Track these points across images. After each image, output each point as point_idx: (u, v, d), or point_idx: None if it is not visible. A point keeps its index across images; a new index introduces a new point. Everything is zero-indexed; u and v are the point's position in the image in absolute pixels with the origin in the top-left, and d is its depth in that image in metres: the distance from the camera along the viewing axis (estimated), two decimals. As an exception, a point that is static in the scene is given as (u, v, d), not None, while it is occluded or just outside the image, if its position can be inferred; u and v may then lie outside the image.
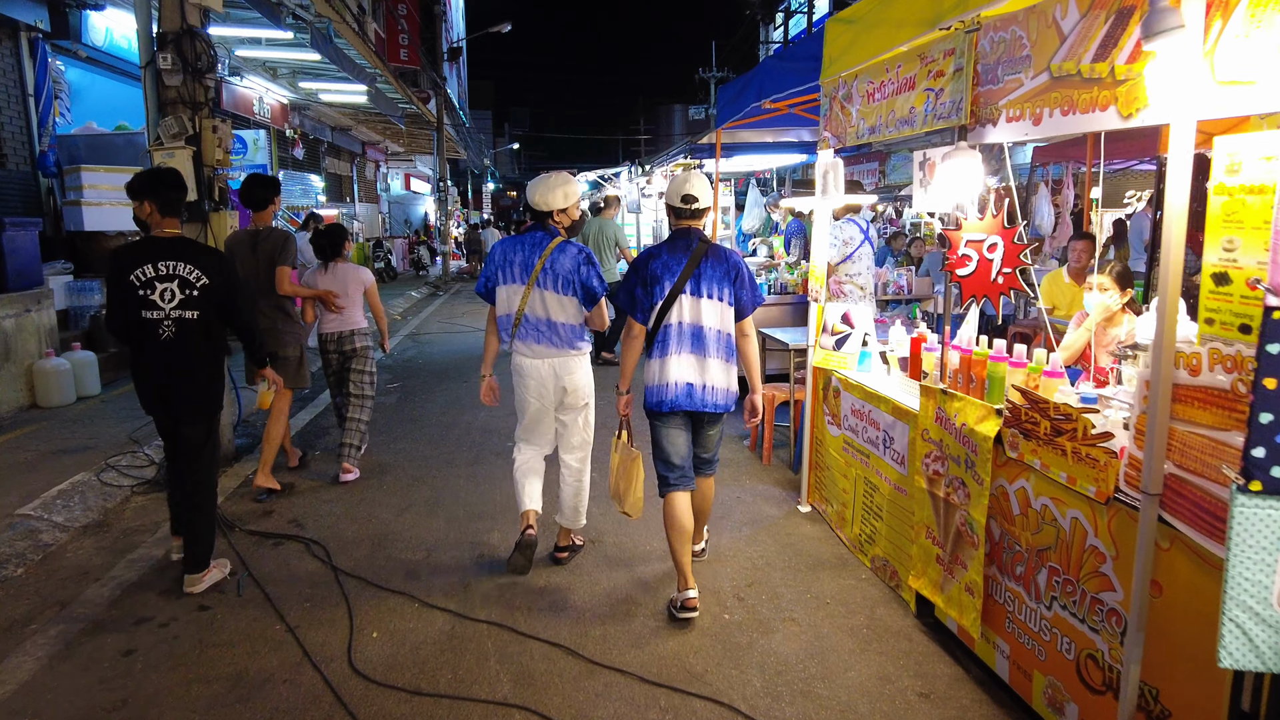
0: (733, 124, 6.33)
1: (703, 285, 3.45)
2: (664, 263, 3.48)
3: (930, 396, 3.38)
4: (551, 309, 3.76)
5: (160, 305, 3.57)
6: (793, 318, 7.17)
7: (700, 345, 3.48)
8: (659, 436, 3.64)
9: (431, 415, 7.25)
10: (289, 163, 17.51)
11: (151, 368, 3.64)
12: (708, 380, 3.51)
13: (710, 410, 3.56)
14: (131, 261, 3.56)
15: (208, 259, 3.68)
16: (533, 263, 3.74)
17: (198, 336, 3.65)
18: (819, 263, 4.47)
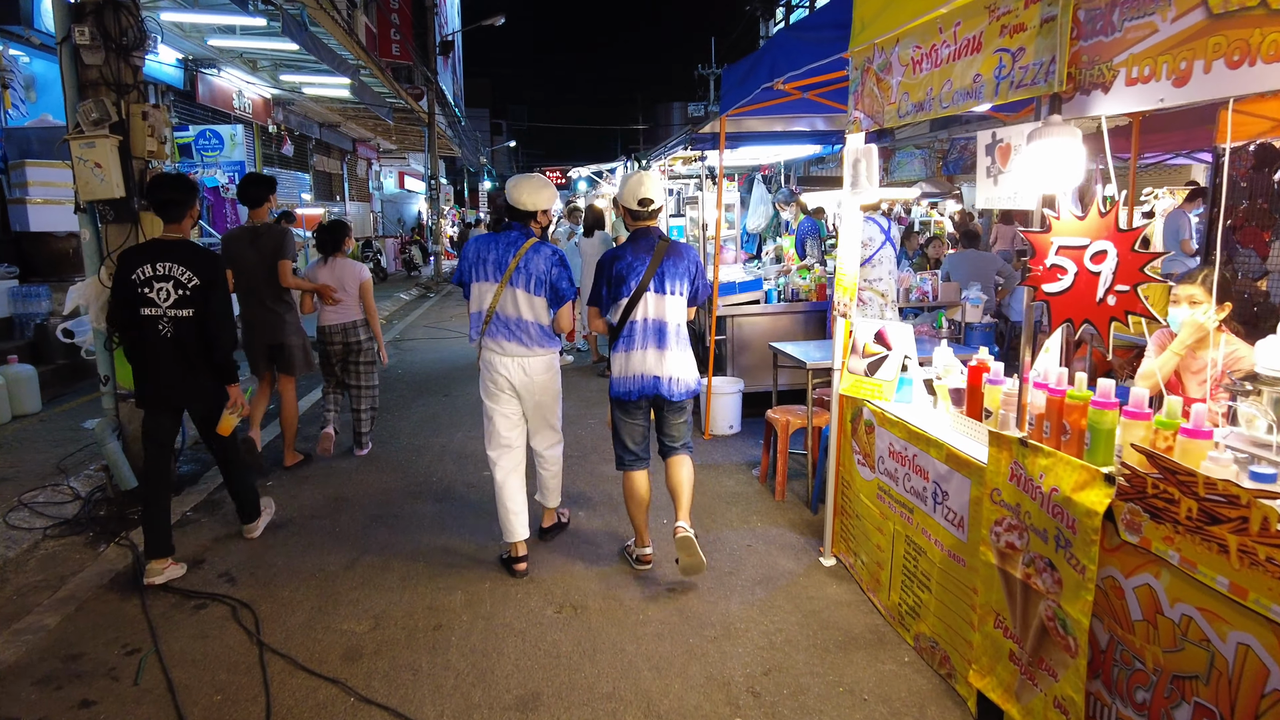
0: (739, 110, 5.53)
1: (666, 282, 3.62)
2: (628, 263, 3.61)
3: (1004, 447, 2.59)
4: (523, 308, 3.78)
5: (158, 303, 3.75)
6: (805, 328, 6.37)
7: (663, 339, 3.63)
8: (620, 424, 3.82)
9: (403, 436, 6.45)
10: (275, 160, 16.70)
11: (153, 362, 3.83)
12: (673, 372, 3.67)
13: (679, 399, 3.72)
14: (134, 261, 3.76)
15: (200, 261, 3.81)
16: (506, 262, 3.76)
17: (194, 333, 3.81)
18: (848, 270, 3.67)
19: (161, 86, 12.10)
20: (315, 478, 5.49)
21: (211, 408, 4.01)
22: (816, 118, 6.15)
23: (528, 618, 3.57)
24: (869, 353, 3.61)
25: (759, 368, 6.34)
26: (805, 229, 7.18)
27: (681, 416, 3.82)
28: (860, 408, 3.70)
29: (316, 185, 19.26)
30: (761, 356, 6.34)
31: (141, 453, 4.19)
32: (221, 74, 13.08)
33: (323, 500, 5.07)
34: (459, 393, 7.89)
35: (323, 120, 18.76)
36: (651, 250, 3.62)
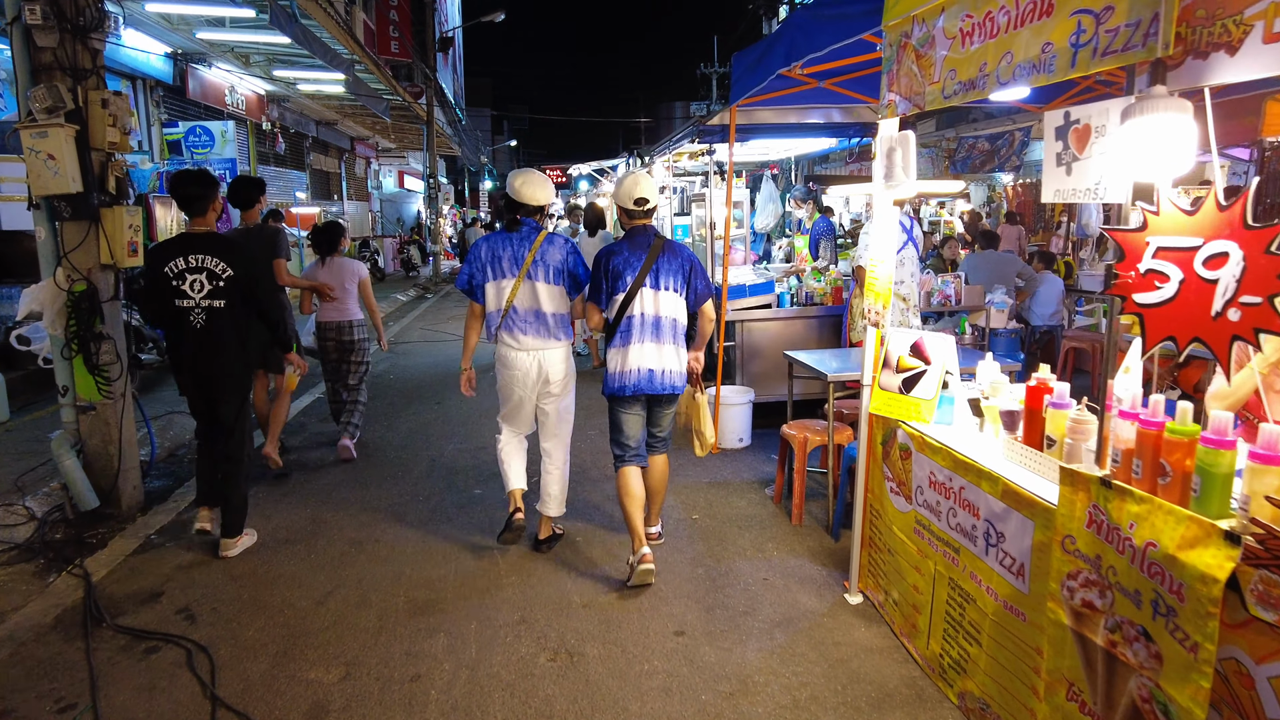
0: (749, 101, 5.09)
1: (661, 279, 3.65)
2: (625, 259, 3.65)
3: (1080, 487, 2.15)
4: (541, 299, 3.83)
5: (191, 295, 3.84)
6: (819, 334, 5.94)
7: (659, 334, 3.67)
8: (618, 419, 3.82)
9: (391, 448, 6.02)
10: (270, 158, 16.28)
11: (187, 352, 3.90)
12: (665, 365, 3.70)
13: (668, 392, 3.75)
14: (165, 255, 3.84)
15: (232, 252, 3.89)
16: (523, 256, 3.81)
17: (226, 323, 3.90)
18: (881, 274, 3.23)
19: (150, 81, 11.68)
20: (295, 494, 5.06)
21: (241, 397, 4.09)
22: (832, 109, 5.71)
23: (517, 666, 3.14)
24: (904, 367, 3.17)
25: (770, 376, 5.91)
26: (820, 228, 6.74)
27: (670, 409, 3.90)
28: (894, 429, 3.26)
29: (313, 184, 18.84)
30: (773, 364, 5.90)
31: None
32: (213, 69, 12.66)
33: (300, 521, 4.64)
34: (452, 401, 7.46)
35: (319, 118, 18.34)
36: (647, 247, 3.66)
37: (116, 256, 4.57)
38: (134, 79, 11.48)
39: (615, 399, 3.79)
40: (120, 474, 4.72)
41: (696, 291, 3.74)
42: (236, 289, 3.89)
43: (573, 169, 10.99)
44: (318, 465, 5.61)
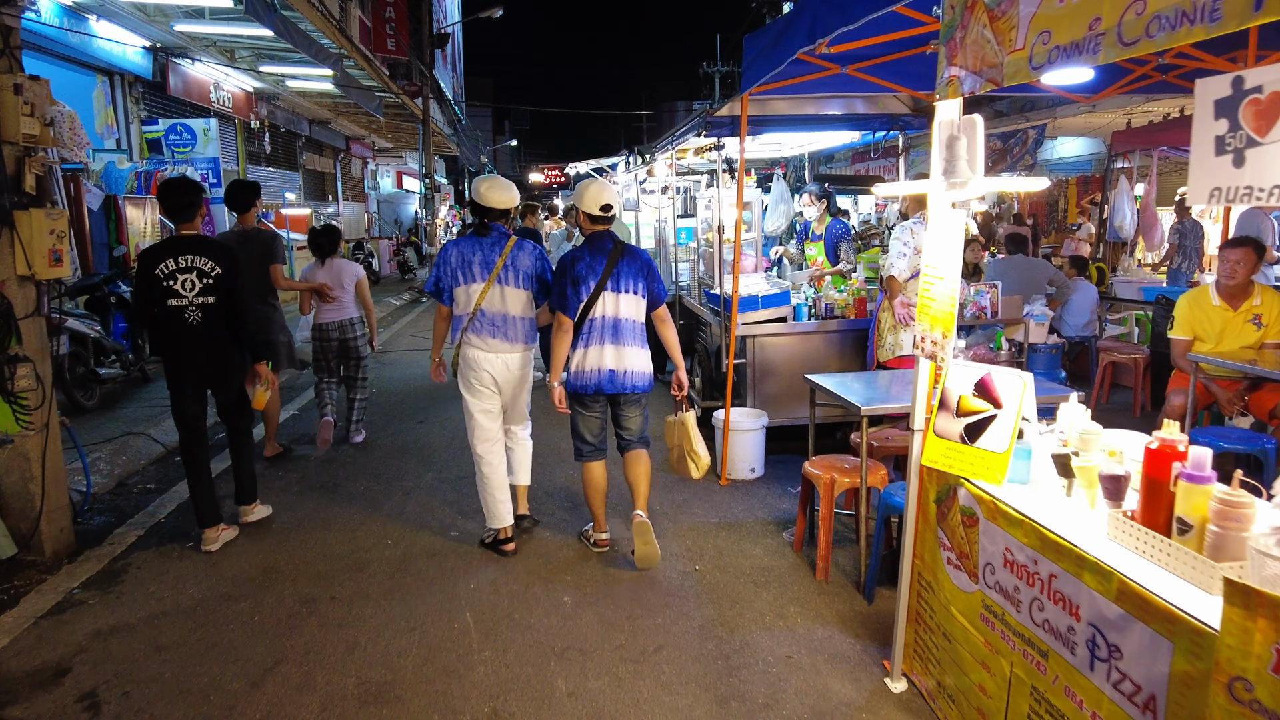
0: (763, 88, 4.44)
1: (622, 282, 3.71)
2: (588, 264, 3.69)
3: (1261, 613, 1.50)
4: (510, 304, 3.88)
5: (184, 294, 3.95)
6: (841, 351, 5.28)
7: (619, 335, 3.73)
8: (578, 417, 3.89)
9: (363, 476, 5.37)
10: (261, 158, 15.65)
11: (184, 348, 4.02)
12: (626, 365, 3.75)
13: (630, 391, 3.80)
14: (156, 258, 3.96)
15: (218, 252, 4.03)
16: (493, 260, 3.84)
17: (219, 318, 4.03)
18: (940, 293, 2.58)
19: (129, 76, 11.05)
20: (250, 535, 4.42)
21: (236, 386, 4.26)
22: (855, 99, 5.05)
23: (484, 786, 2.49)
24: (967, 410, 2.52)
25: (786, 397, 5.26)
26: (838, 231, 6.07)
27: (637, 410, 3.92)
28: (953, 487, 2.61)
29: (307, 184, 18.21)
30: (788, 384, 5.25)
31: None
32: (196, 65, 12.02)
33: (250, 570, 3.99)
34: (436, 419, 6.81)
35: (312, 116, 17.70)
36: (608, 252, 3.72)
37: (35, 267, 3.93)
38: (111, 74, 10.85)
39: (576, 397, 3.86)
40: (43, 515, 4.08)
41: (654, 294, 3.84)
42: (225, 286, 4.03)
43: (570, 167, 10.34)
44: (280, 495, 4.97)
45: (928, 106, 5.01)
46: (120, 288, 7.94)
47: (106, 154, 10.60)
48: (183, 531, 4.50)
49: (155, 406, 6.81)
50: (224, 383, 4.23)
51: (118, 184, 10.24)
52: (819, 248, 6.15)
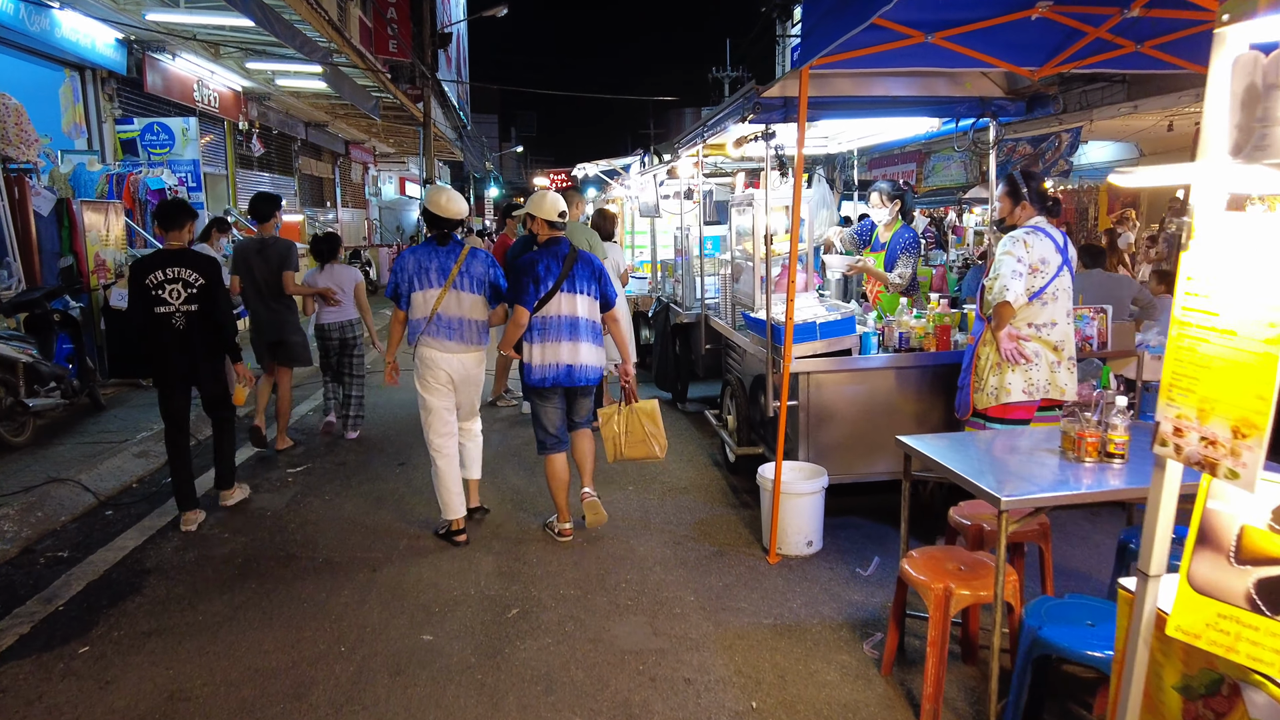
0: (827, 60, 3.37)
1: (577, 284, 3.99)
2: (546, 265, 3.95)
3: None
4: (465, 307, 4.05)
5: (170, 302, 4.27)
6: (918, 393, 4.17)
7: (575, 332, 3.99)
8: (539, 410, 4.11)
9: (323, 542, 4.27)
10: (252, 162, 14.64)
11: (170, 350, 4.33)
12: (581, 360, 4.02)
13: (584, 384, 4.08)
14: (146, 269, 4.28)
15: (202, 265, 4.34)
16: (449, 267, 4.02)
17: (201, 323, 4.35)
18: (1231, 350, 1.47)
19: (101, 71, 10.02)
20: (166, 633, 3.33)
21: (217, 384, 4.57)
22: (936, 77, 3.98)
23: None
24: (1262, 553, 1.42)
25: (847, 448, 4.17)
26: (905, 240, 4.96)
27: (588, 400, 4.19)
28: (1232, 681, 1.51)
29: (303, 190, 17.20)
30: (851, 432, 4.16)
31: None
32: (177, 60, 11.00)
33: (150, 700, 2.91)
34: (418, 461, 5.71)
35: (308, 119, 16.70)
36: (563, 257, 3.97)
37: None
38: (81, 68, 9.83)
39: (535, 390, 4.06)
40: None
41: (606, 296, 4.07)
42: (207, 295, 4.31)
43: (579, 169, 9.25)
44: (219, 568, 3.89)
45: (1028, 87, 3.92)
46: (67, 303, 6.89)
47: (76, 155, 9.57)
48: (84, 627, 3.42)
49: (99, 442, 5.75)
50: (204, 382, 4.52)
51: (87, 187, 9.20)
52: (879, 259, 5.04)
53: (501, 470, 5.39)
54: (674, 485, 5.00)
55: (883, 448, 4.19)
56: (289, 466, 5.63)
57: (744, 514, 4.50)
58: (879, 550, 4.02)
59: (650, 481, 5.08)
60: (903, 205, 5.06)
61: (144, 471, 5.47)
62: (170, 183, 10.01)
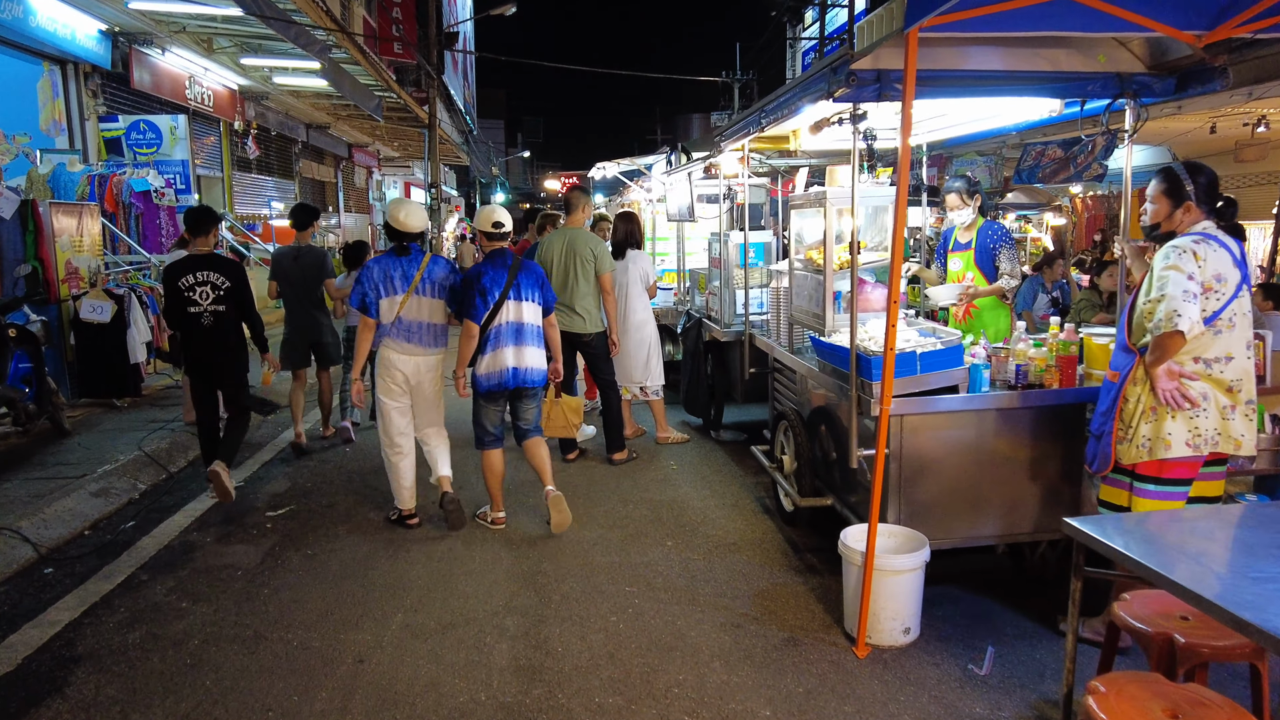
0: (943, 19, 2.55)
1: (522, 291, 4.18)
2: (492, 277, 4.13)
3: None
4: (426, 312, 4.23)
5: (200, 303, 4.64)
6: (1033, 437, 3.33)
7: (521, 337, 4.17)
8: (482, 412, 4.27)
9: (295, 628, 3.42)
10: (251, 165, 13.85)
11: (198, 346, 4.74)
12: (526, 364, 4.19)
13: (529, 385, 4.23)
14: (179, 273, 4.64)
15: (229, 269, 4.75)
16: (412, 274, 4.20)
17: (227, 323, 4.75)
18: None
19: (84, 66, 9.25)
20: None
21: (240, 379, 4.93)
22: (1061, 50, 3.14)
23: None
24: None
25: (948, 505, 3.34)
26: (995, 236, 4.13)
27: (532, 402, 4.33)
28: None
29: (305, 194, 16.42)
30: (952, 485, 3.33)
31: None
32: (167, 55, 10.20)
33: None
34: (422, 505, 4.89)
35: (309, 120, 15.92)
36: (508, 266, 4.16)
37: None
38: (62, 62, 9.05)
39: (483, 396, 4.23)
40: None
41: (547, 302, 4.29)
42: (233, 298, 4.72)
43: (596, 169, 8.41)
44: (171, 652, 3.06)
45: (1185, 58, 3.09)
46: (27, 316, 6.08)
47: (57, 154, 8.78)
48: None
49: (54, 478, 4.94)
50: (227, 376, 4.86)
51: (68, 189, 8.40)
52: (967, 259, 4.23)
53: (513, 515, 4.55)
54: (721, 539, 4.16)
55: (989, 505, 3.36)
56: (270, 508, 4.81)
57: (811, 582, 3.66)
58: (989, 636, 3.18)
59: (691, 534, 4.24)
60: (982, 202, 4.26)
61: (99, 514, 4.64)
62: (157, 184, 9.21)
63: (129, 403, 7.04)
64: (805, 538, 4.12)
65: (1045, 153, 13.36)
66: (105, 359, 6.86)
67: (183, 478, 5.43)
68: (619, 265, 5.74)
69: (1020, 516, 3.40)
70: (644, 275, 5.76)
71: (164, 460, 5.58)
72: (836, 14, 24.81)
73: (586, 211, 5.50)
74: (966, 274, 4.37)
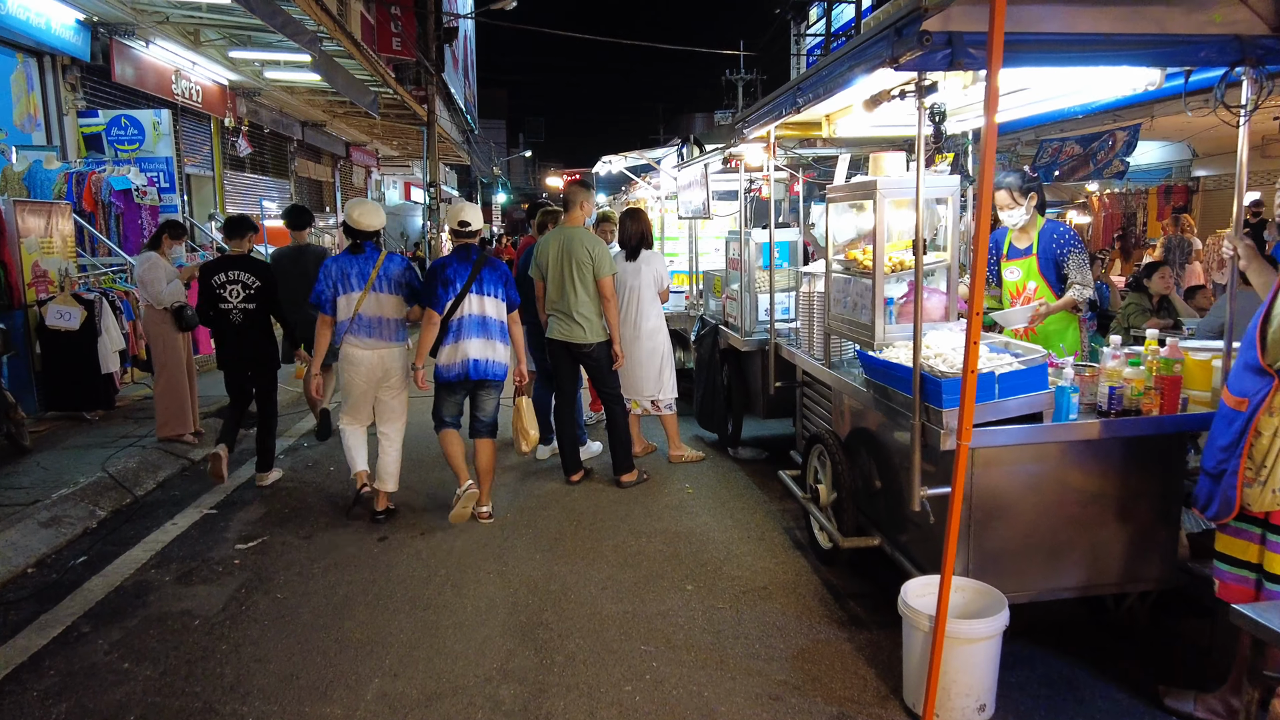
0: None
1: (485, 287, 4.28)
2: (455, 270, 4.26)
3: None
4: (384, 307, 4.36)
5: (230, 300, 4.92)
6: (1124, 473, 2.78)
7: (484, 330, 4.28)
8: (442, 403, 4.40)
9: (252, 698, 2.87)
10: (245, 164, 13.32)
11: (229, 342, 5.00)
12: (488, 355, 4.28)
13: (491, 378, 4.32)
14: (213, 271, 4.94)
15: (259, 269, 5.02)
16: (368, 272, 4.33)
17: (256, 320, 5.01)
18: None
19: (63, 59, 8.72)
20: None
21: (269, 371, 5.13)
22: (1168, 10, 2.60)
23: None
24: None
25: (1026, 554, 2.79)
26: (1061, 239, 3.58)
27: (491, 395, 4.40)
28: None
29: (300, 194, 15.89)
30: (1031, 529, 2.78)
31: None
32: (151, 47, 9.67)
33: None
34: (408, 540, 4.35)
35: (305, 118, 15.38)
36: (472, 261, 4.27)
37: None
38: (38, 54, 8.52)
39: (444, 386, 4.34)
40: None
41: (510, 299, 4.36)
42: (262, 296, 4.98)
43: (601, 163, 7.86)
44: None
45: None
46: (-19, 324, 5.56)
47: (34, 151, 8.25)
48: None
49: (2, 504, 4.40)
50: (258, 371, 5.07)
51: (44, 187, 7.89)
52: (1027, 268, 3.67)
53: (511, 547, 4.01)
54: (749, 582, 3.61)
55: (1072, 551, 2.82)
56: (241, 539, 4.27)
57: (858, 639, 3.11)
58: (1077, 711, 2.63)
59: (714, 575, 3.69)
60: (1040, 199, 3.70)
61: (48, 549, 4.10)
62: (138, 183, 8.67)
63: (100, 416, 6.52)
64: (845, 581, 3.57)
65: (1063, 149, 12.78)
66: (74, 369, 6.33)
67: (148, 503, 4.89)
68: (630, 268, 5.20)
69: (1106, 565, 2.86)
70: (657, 278, 5.22)
71: (129, 482, 5.04)
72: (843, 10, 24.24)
73: (586, 209, 4.91)
74: (1028, 284, 3.80)
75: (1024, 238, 3.85)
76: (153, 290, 5.57)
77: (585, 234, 4.80)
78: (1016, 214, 3.79)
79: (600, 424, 6.02)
